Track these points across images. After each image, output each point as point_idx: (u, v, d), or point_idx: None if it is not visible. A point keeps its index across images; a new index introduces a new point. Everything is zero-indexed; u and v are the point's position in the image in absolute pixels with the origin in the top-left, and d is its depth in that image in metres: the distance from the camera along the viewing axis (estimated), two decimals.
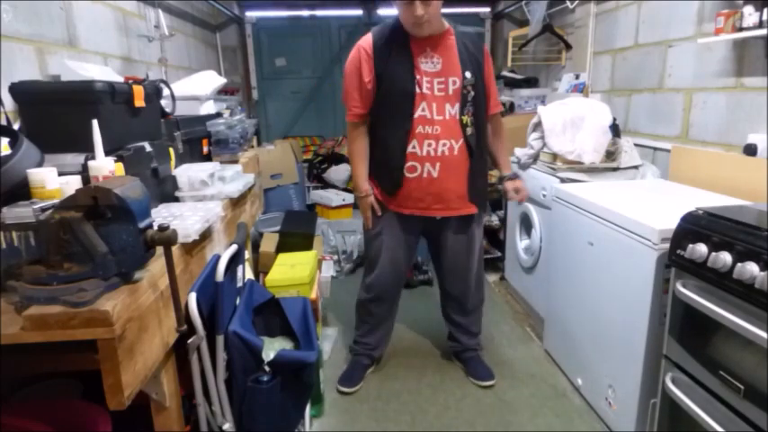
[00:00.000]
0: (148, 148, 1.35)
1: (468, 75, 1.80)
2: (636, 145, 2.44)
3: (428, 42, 1.78)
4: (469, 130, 1.83)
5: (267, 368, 1.27)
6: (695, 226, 1.33)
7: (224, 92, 3.24)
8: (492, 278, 3.28)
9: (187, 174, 1.52)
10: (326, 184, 4.16)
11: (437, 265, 2.11)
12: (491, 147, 2.01)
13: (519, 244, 2.78)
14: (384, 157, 1.86)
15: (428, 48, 1.78)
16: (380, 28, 1.82)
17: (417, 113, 1.77)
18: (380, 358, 2.25)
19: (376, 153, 1.90)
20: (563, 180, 2.26)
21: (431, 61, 1.78)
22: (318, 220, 2.80)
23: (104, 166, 1.07)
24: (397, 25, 1.78)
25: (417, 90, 1.76)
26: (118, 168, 1.12)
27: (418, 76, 1.76)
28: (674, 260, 1.39)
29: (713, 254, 1.23)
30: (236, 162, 1.96)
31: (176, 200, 1.48)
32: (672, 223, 1.41)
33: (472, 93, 1.82)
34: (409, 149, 1.80)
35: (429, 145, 1.79)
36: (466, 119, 1.82)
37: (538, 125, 2.50)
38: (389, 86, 1.77)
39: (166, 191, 1.46)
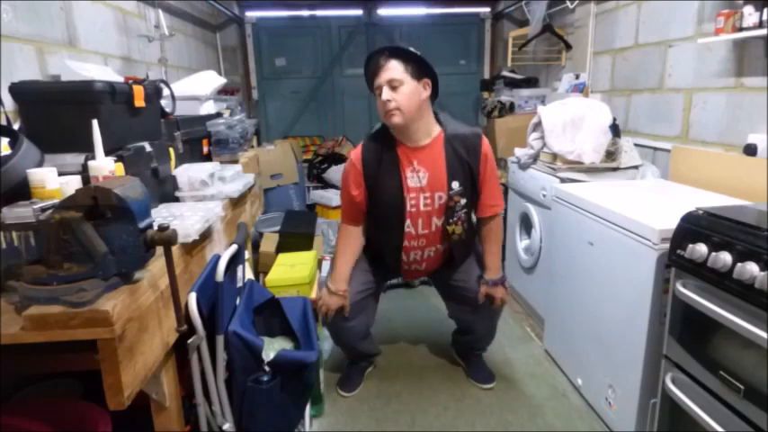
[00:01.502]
0: (148, 148, 1.35)
1: (455, 185, 1.77)
2: (636, 145, 2.44)
3: (415, 154, 1.76)
4: (456, 237, 1.84)
5: (267, 368, 1.27)
6: (695, 226, 1.33)
7: (224, 92, 3.24)
8: None
9: (187, 174, 1.52)
10: (326, 184, 4.15)
11: (443, 296, 2.14)
12: (481, 247, 1.96)
13: (519, 244, 2.78)
14: (380, 248, 1.95)
15: (415, 161, 1.77)
16: (372, 136, 1.82)
17: (407, 229, 1.82)
18: (377, 359, 2.26)
19: (372, 243, 1.98)
20: (563, 180, 2.26)
21: (417, 176, 1.77)
22: (318, 220, 2.80)
23: (104, 166, 1.07)
24: (386, 134, 1.79)
25: (406, 207, 1.79)
26: (118, 168, 1.12)
27: (405, 192, 1.77)
28: (674, 260, 1.39)
29: (713, 254, 1.23)
30: (236, 162, 1.96)
31: (176, 200, 1.48)
32: (672, 223, 1.41)
33: (462, 201, 1.79)
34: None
35: (416, 254, 1.88)
36: (452, 228, 1.81)
37: (538, 125, 2.50)
38: (380, 199, 1.82)
39: (166, 191, 1.46)
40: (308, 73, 4.41)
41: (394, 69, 1.65)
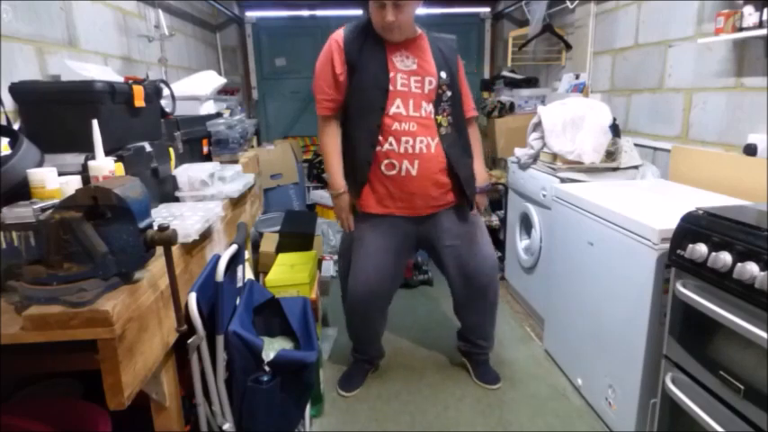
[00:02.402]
0: (148, 148, 1.35)
1: (443, 75, 1.80)
2: (636, 145, 2.44)
3: (402, 44, 1.78)
4: (443, 130, 1.81)
5: (267, 368, 1.27)
6: (695, 226, 1.33)
7: (224, 92, 3.24)
8: None
9: (187, 174, 1.52)
10: (326, 184, 4.16)
11: (443, 268, 2.00)
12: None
13: (519, 244, 2.78)
14: (352, 153, 1.83)
15: (402, 48, 1.78)
16: (354, 24, 1.79)
17: (392, 110, 1.75)
18: (380, 362, 2.25)
19: (345, 149, 1.86)
20: (563, 180, 2.26)
21: (405, 60, 1.78)
22: (318, 220, 2.80)
23: (104, 166, 1.07)
24: (368, 25, 1.76)
25: (391, 87, 1.74)
26: (118, 168, 1.12)
27: (392, 73, 1.75)
28: (674, 260, 1.39)
29: (713, 254, 1.23)
30: (236, 162, 1.96)
31: (176, 200, 1.48)
32: (672, 223, 1.41)
33: (448, 93, 1.81)
34: (386, 147, 1.76)
35: (407, 142, 1.76)
36: (440, 119, 1.81)
37: (538, 125, 2.50)
38: (361, 80, 1.75)
39: (166, 191, 1.46)
40: (308, 73, 4.35)
41: None
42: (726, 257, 1.19)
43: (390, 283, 1.96)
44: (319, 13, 4.28)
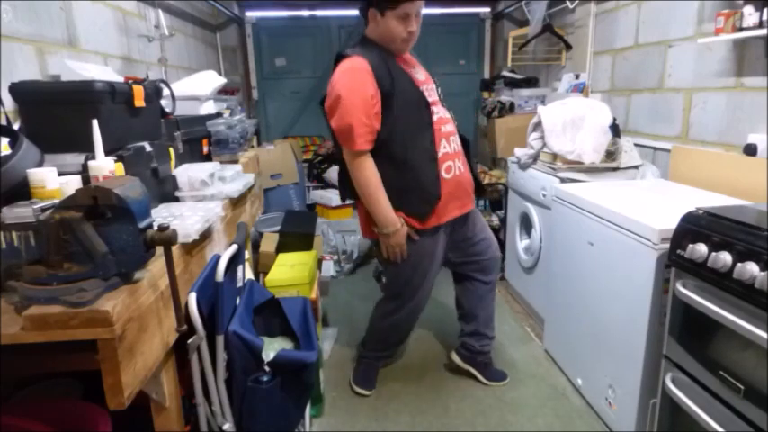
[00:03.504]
0: (148, 148, 1.35)
1: (435, 79, 1.91)
2: (636, 145, 2.44)
3: (404, 58, 1.82)
4: (456, 124, 1.91)
5: (267, 368, 1.27)
6: (695, 226, 1.33)
7: (224, 92, 3.24)
8: None
9: (187, 174, 1.52)
10: (326, 184, 4.16)
11: (468, 263, 2.02)
12: None
13: (519, 244, 2.78)
14: (413, 175, 1.73)
15: (406, 62, 1.82)
16: (361, 50, 1.72)
17: (435, 117, 1.78)
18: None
19: (399, 178, 1.73)
20: (563, 180, 2.26)
21: (416, 73, 1.81)
22: (318, 220, 2.80)
23: (104, 166, 1.07)
24: (377, 46, 1.74)
25: (429, 100, 1.78)
26: (118, 168, 1.12)
27: (421, 87, 1.78)
28: (674, 260, 1.39)
29: (713, 254, 1.23)
30: (236, 162, 1.95)
31: (176, 200, 1.48)
32: (672, 223, 1.41)
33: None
34: (442, 150, 1.77)
35: (453, 141, 1.83)
36: (451, 113, 1.91)
37: (538, 125, 2.50)
38: (402, 102, 1.70)
39: (166, 191, 1.46)
40: (308, 73, 4.42)
41: (421, 3, 1.70)
42: (726, 257, 1.19)
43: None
44: (319, 13, 4.29)
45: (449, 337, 2.36)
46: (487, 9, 4.37)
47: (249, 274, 1.63)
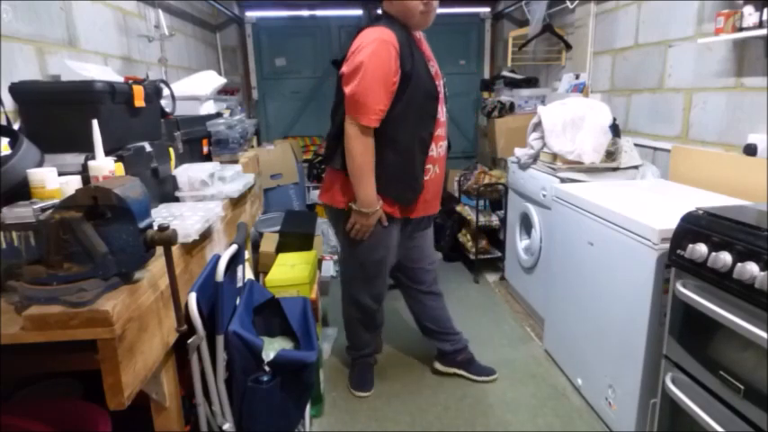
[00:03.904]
0: (148, 148, 1.35)
1: (442, 74, 1.85)
2: (636, 145, 2.44)
3: (424, 46, 1.78)
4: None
5: (267, 368, 1.27)
6: (695, 226, 1.33)
7: (224, 92, 3.24)
8: (492, 278, 3.28)
9: (187, 174, 1.52)
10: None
11: (403, 270, 2.05)
12: None
13: (519, 244, 2.78)
14: (404, 163, 1.72)
15: (426, 50, 1.79)
16: (389, 26, 1.64)
17: (438, 115, 1.77)
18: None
19: (391, 161, 1.71)
20: (563, 180, 2.26)
21: (433, 64, 1.79)
22: (318, 220, 2.80)
23: (104, 166, 1.07)
24: (401, 25, 1.67)
25: (439, 95, 1.76)
26: (118, 168, 1.12)
27: (437, 81, 1.76)
28: (674, 260, 1.39)
29: (713, 254, 1.23)
30: (236, 162, 1.95)
31: (176, 200, 1.48)
32: (672, 223, 1.41)
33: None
34: (430, 152, 1.77)
35: (440, 146, 1.82)
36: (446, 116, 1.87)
37: (538, 125, 2.50)
38: (416, 87, 1.65)
39: (166, 191, 1.46)
40: (308, 73, 4.41)
41: None
42: (726, 257, 1.19)
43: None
44: (319, 13, 4.28)
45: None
46: (487, 9, 4.37)
47: (249, 274, 1.63)
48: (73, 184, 1.05)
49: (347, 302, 2.07)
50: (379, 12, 1.74)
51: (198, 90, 2.10)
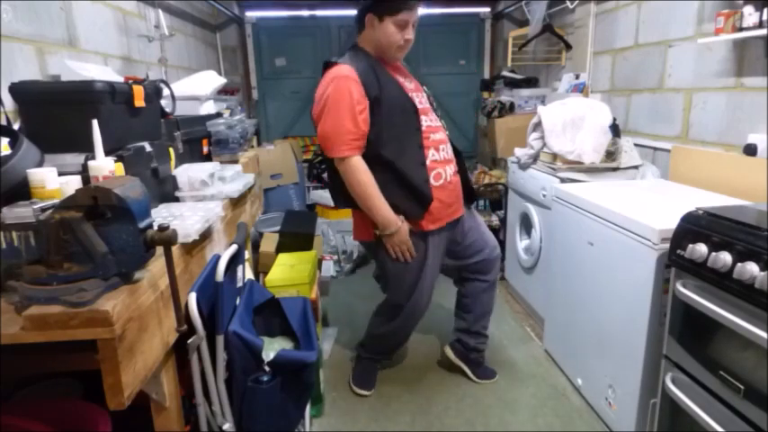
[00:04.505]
0: (148, 148, 1.35)
1: (425, 88, 1.93)
2: (636, 145, 2.44)
3: (394, 66, 1.84)
4: (447, 133, 1.91)
5: (267, 368, 1.27)
6: (695, 226, 1.33)
7: (224, 92, 3.24)
8: None
9: (187, 174, 1.52)
10: (327, 184, 4.15)
11: (463, 263, 2.03)
12: None
13: (519, 244, 2.78)
14: (403, 178, 1.74)
15: (397, 71, 1.84)
16: (351, 58, 1.74)
17: (424, 125, 1.78)
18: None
19: (390, 181, 1.74)
20: (563, 180, 2.26)
21: (406, 81, 1.83)
22: (318, 220, 2.80)
23: (104, 166, 1.07)
24: (366, 55, 1.76)
25: (418, 106, 1.79)
26: (118, 168, 1.12)
27: (410, 94, 1.79)
28: (674, 260, 1.39)
29: (713, 254, 1.23)
30: (236, 162, 1.96)
31: (176, 200, 1.48)
32: (672, 223, 1.41)
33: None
34: (430, 158, 1.78)
35: (443, 150, 1.84)
36: (443, 123, 1.92)
37: (538, 125, 2.50)
38: (390, 107, 1.71)
39: (166, 191, 1.46)
40: (308, 73, 4.41)
41: (418, 11, 1.74)
42: (726, 257, 1.19)
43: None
44: (319, 13, 4.29)
45: (449, 339, 2.36)
46: (487, 9, 4.37)
47: (249, 274, 1.63)
48: (73, 184, 1.05)
49: (383, 321, 2.03)
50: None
51: (198, 90, 2.10)
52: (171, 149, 1.55)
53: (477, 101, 4.40)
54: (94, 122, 1.07)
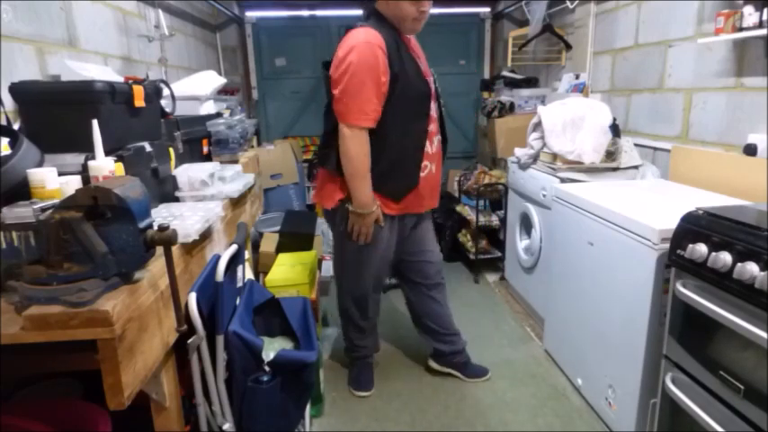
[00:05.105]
0: (148, 148, 1.35)
1: (432, 71, 1.86)
2: (636, 145, 2.44)
3: (413, 44, 1.81)
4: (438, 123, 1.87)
5: (267, 368, 1.27)
6: (695, 226, 1.33)
7: (224, 92, 3.24)
8: (492, 278, 3.28)
9: (187, 174, 1.52)
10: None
11: (405, 265, 2.05)
12: None
13: (519, 244, 2.78)
14: (398, 159, 1.74)
15: (415, 49, 1.81)
16: (376, 27, 1.67)
17: (432, 112, 1.78)
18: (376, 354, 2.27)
19: (384, 157, 1.73)
20: (563, 180, 2.26)
21: (423, 62, 1.81)
22: (318, 220, 2.80)
23: (104, 166, 1.07)
24: (390, 26, 1.71)
25: (432, 91, 1.77)
26: (118, 168, 1.12)
27: (428, 78, 1.77)
28: (674, 260, 1.39)
29: (713, 254, 1.23)
30: (236, 162, 1.95)
31: (176, 200, 1.48)
32: (672, 223, 1.41)
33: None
34: (425, 149, 1.78)
35: (433, 142, 1.82)
36: (444, 111, 1.90)
37: (538, 125, 2.51)
38: (406, 87, 1.68)
39: (166, 191, 1.46)
40: (308, 73, 4.41)
41: None
42: (726, 257, 1.19)
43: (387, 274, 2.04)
44: (319, 13, 4.28)
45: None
46: (487, 9, 4.37)
47: (249, 274, 1.63)
48: (73, 184, 1.05)
49: (342, 300, 2.05)
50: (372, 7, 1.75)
51: (198, 90, 2.10)
52: (171, 149, 1.55)
53: (477, 101, 4.40)
54: (94, 122, 1.07)
